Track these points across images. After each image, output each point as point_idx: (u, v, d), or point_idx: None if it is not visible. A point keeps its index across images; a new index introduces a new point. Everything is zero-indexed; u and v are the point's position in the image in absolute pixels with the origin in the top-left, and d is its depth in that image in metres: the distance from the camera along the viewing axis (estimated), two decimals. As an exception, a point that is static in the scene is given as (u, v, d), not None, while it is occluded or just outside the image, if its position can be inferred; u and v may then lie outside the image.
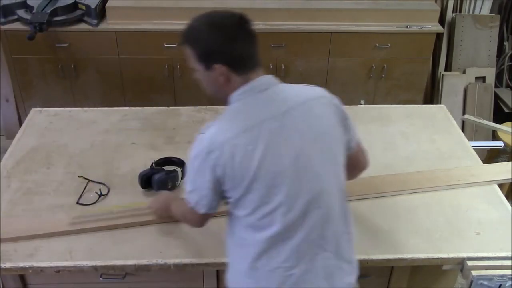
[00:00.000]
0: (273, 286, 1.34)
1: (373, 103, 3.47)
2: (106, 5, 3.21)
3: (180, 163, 1.98)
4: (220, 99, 1.39)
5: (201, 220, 1.46)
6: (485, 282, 1.61)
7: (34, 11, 3.10)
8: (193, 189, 1.38)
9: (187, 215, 1.48)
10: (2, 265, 1.58)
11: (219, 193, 1.36)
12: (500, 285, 1.62)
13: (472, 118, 3.09)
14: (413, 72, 3.44)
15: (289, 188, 1.30)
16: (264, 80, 1.34)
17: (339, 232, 1.39)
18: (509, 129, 2.91)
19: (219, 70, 1.31)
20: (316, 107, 1.35)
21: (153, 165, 1.93)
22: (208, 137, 1.30)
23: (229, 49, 1.30)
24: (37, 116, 2.33)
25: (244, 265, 1.38)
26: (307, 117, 1.33)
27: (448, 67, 3.64)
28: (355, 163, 1.50)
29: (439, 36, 3.49)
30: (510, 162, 2.09)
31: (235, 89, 1.33)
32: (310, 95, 1.37)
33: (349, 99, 2.75)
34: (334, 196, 1.36)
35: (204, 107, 2.43)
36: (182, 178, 1.92)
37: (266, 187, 1.29)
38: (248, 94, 1.32)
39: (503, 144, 2.92)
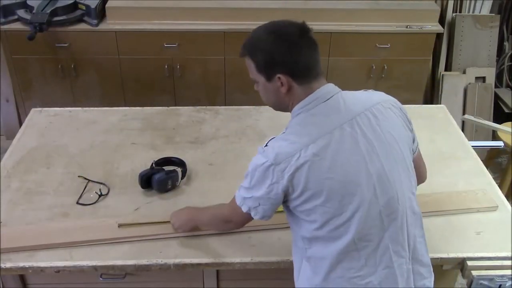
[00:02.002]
0: None
1: (373, 103, 3.46)
2: (106, 5, 3.21)
3: (180, 163, 1.98)
4: (281, 110, 1.40)
5: (245, 222, 1.47)
6: (485, 282, 1.61)
7: (34, 11, 3.10)
8: (251, 196, 1.34)
9: (231, 217, 1.47)
10: (2, 265, 1.58)
11: (277, 204, 1.33)
12: (500, 285, 1.62)
13: (472, 118, 3.09)
14: (413, 72, 3.44)
15: (362, 197, 1.27)
16: (327, 90, 1.33)
17: (414, 236, 1.37)
18: (509, 129, 2.91)
19: (282, 80, 1.30)
20: (381, 111, 1.35)
21: (153, 165, 1.93)
22: (275, 150, 1.27)
23: (293, 59, 1.28)
24: (37, 116, 2.33)
25: (317, 279, 1.35)
26: (373, 122, 1.32)
27: (448, 67, 3.64)
28: (416, 169, 1.46)
29: (439, 36, 3.49)
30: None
31: (296, 99, 1.33)
32: (373, 101, 1.37)
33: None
34: (407, 200, 1.35)
35: (204, 107, 2.43)
36: (182, 178, 1.92)
37: (338, 198, 1.26)
38: (312, 105, 1.31)
39: (503, 144, 2.92)
